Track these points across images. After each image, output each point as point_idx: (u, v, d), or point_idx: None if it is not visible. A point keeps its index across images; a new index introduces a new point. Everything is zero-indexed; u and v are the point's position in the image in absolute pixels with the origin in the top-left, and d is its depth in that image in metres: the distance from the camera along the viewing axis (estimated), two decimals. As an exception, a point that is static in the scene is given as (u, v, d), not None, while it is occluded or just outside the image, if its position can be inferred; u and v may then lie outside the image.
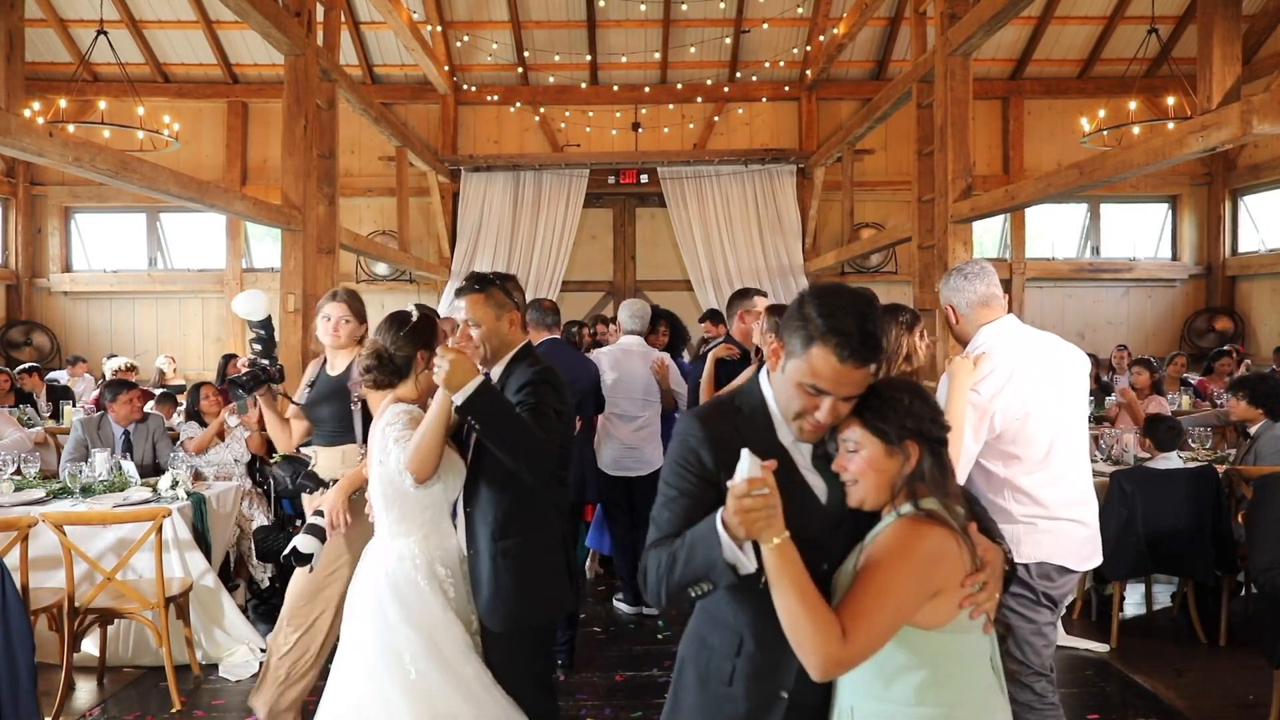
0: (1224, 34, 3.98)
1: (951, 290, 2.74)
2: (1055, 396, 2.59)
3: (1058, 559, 2.54)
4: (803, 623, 1.52)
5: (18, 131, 3.74)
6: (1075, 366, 2.68)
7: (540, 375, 2.53)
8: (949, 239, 6.28)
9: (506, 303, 2.66)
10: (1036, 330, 2.75)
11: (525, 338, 2.72)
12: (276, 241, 9.18)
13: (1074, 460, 2.61)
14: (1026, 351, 2.61)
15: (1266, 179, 10.29)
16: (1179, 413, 7.37)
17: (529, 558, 2.50)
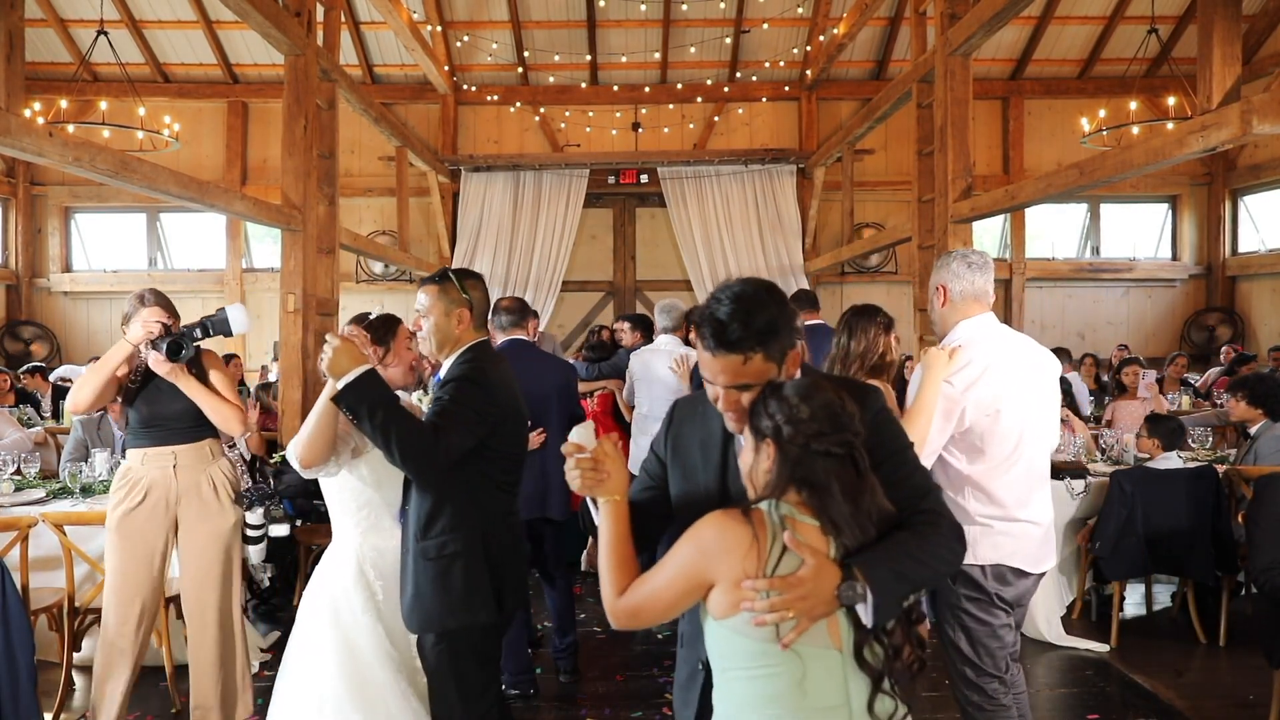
0: (1224, 34, 3.97)
1: (951, 274, 2.73)
2: (1026, 396, 2.60)
3: (1013, 561, 2.55)
4: (604, 574, 1.70)
5: (18, 131, 3.74)
6: (1048, 369, 2.71)
7: (467, 372, 2.43)
8: (949, 239, 6.28)
9: (459, 299, 2.55)
10: (1013, 330, 2.77)
11: (477, 336, 2.58)
12: (276, 241, 9.18)
13: (1036, 461, 2.64)
14: (1003, 349, 2.63)
15: (1266, 179, 10.29)
16: (1179, 413, 7.37)
17: (446, 560, 2.42)
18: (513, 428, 2.53)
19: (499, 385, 2.47)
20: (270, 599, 5.33)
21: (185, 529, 3.36)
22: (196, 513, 3.35)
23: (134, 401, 3.32)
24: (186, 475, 3.34)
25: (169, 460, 3.33)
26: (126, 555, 3.28)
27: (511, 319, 4.07)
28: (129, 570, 3.27)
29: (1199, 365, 10.05)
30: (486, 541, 2.45)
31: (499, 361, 2.60)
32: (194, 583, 3.37)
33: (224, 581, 3.40)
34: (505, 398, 2.49)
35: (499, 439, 2.46)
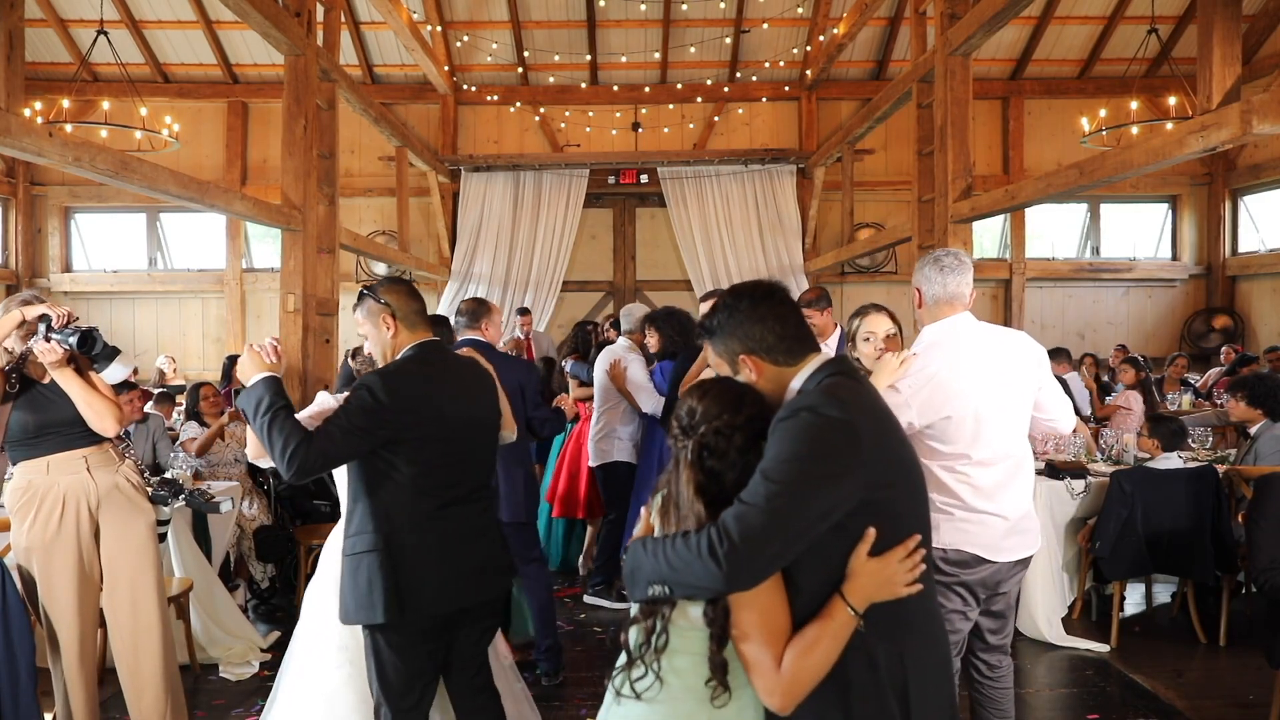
0: (1224, 34, 3.98)
1: (924, 278, 2.76)
2: (992, 395, 2.63)
3: (971, 547, 2.59)
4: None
5: (18, 131, 3.74)
6: (1021, 361, 2.72)
7: (364, 381, 2.45)
8: (949, 239, 6.28)
9: (378, 307, 2.61)
10: (987, 326, 2.76)
11: (415, 337, 2.61)
12: (276, 241, 9.18)
13: (1004, 453, 2.65)
14: (960, 354, 2.64)
15: (1266, 179, 10.29)
16: (1179, 413, 7.37)
17: (354, 558, 2.49)
18: (428, 431, 2.48)
19: (403, 392, 2.45)
20: (270, 599, 5.34)
21: (112, 533, 3.19)
22: (122, 513, 3.20)
23: (15, 410, 3.10)
24: (103, 476, 3.18)
25: (80, 464, 3.14)
26: (62, 577, 3.10)
27: (464, 320, 4.08)
28: (68, 592, 3.10)
29: (1199, 365, 10.05)
30: (391, 544, 2.44)
31: (426, 365, 2.55)
32: (129, 589, 3.21)
33: (159, 584, 3.29)
34: (411, 404, 2.45)
35: (407, 444, 2.45)
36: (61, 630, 3.13)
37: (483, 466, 2.68)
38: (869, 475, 1.59)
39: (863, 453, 1.58)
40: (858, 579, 1.58)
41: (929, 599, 1.70)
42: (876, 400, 1.76)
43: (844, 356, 1.85)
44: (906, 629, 1.64)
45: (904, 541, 1.62)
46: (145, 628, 3.23)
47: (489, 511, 2.70)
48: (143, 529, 3.26)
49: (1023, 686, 4.13)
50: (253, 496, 5.42)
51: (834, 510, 1.57)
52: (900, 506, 1.66)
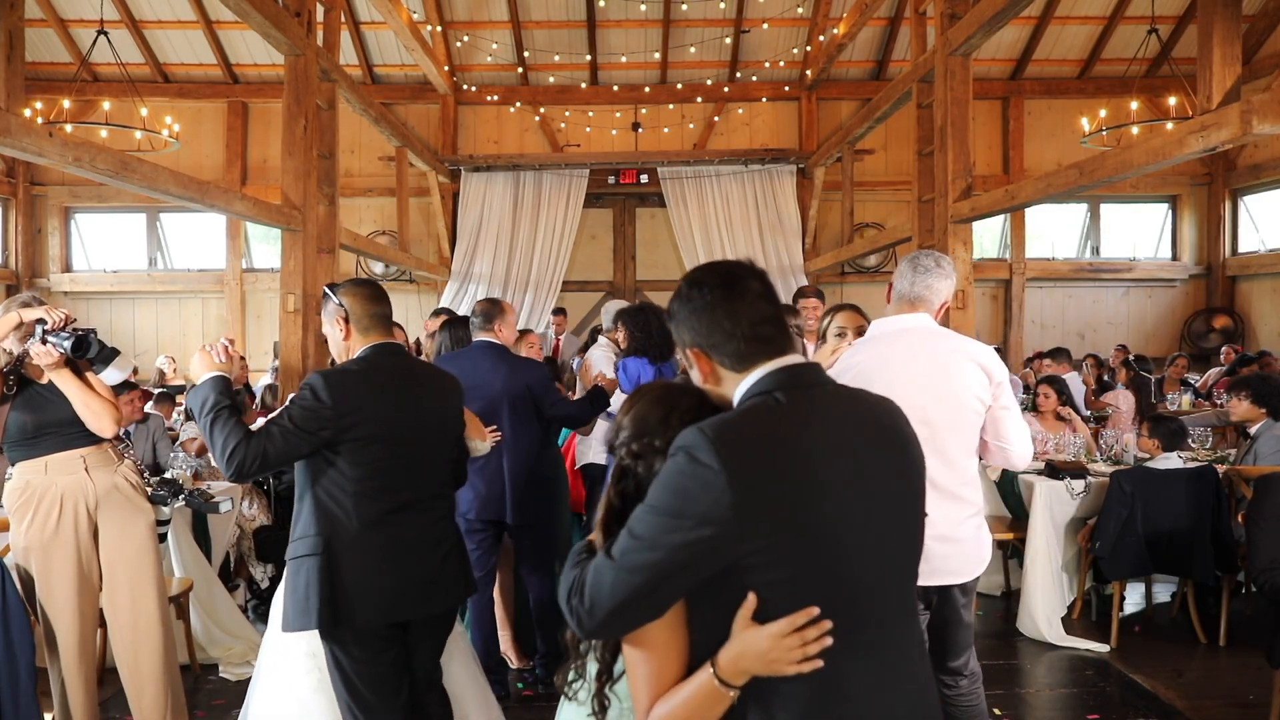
0: (1224, 34, 3.98)
1: (898, 274, 2.69)
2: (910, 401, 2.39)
3: None
4: None
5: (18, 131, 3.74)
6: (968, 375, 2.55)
7: (308, 382, 2.44)
8: (949, 239, 6.28)
9: (335, 309, 2.59)
10: (943, 332, 2.65)
11: (368, 340, 2.57)
12: (276, 241, 9.18)
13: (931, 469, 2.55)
14: (895, 352, 2.55)
15: (1266, 179, 10.29)
16: (1179, 413, 7.38)
17: (295, 563, 2.45)
18: (369, 433, 2.42)
19: (344, 393, 2.41)
20: (270, 599, 5.33)
21: (111, 533, 3.18)
22: (121, 513, 3.18)
23: (12, 410, 3.09)
24: (101, 476, 3.16)
25: (78, 464, 3.13)
26: (61, 577, 3.09)
27: (478, 321, 4.06)
28: (66, 591, 3.09)
29: (1199, 365, 10.05)
30: (332, 549, 2.40)
31: (373, 368, 2.51)
32: (129, 588, 3.19)
33: (159, 584, 3.27)
34: (352, 405, 2.41)
35: (349, 446, 2.40)
36: (60, 630, 3.12)
37: (433, 474, 2.58)
38: (741, 538, 1.34)
39: (729, 511, 1.33)
40: (732, 647, 1.37)
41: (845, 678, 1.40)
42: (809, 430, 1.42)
43: (804, 365, 1.51)
44: (799, 711, 1.38)
45: (800, 612, 1.35)
46: (145, 627, 3.21)
47: (445, 521, 2.61)
48: (142, 529, 3.25)
49: (1023, 686, 4.14)
50: (253, 496, 5.41)
51: (687, 572, 1.36)
52: (794, 575, 1.37)
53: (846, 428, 1.47)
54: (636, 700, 1.44)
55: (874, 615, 1.43)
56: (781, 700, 1.38)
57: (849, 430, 1.47)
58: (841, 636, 1.37)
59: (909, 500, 1.53)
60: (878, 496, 1.45)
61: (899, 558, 1.50)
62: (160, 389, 7.50)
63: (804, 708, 1.38)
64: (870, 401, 1.58)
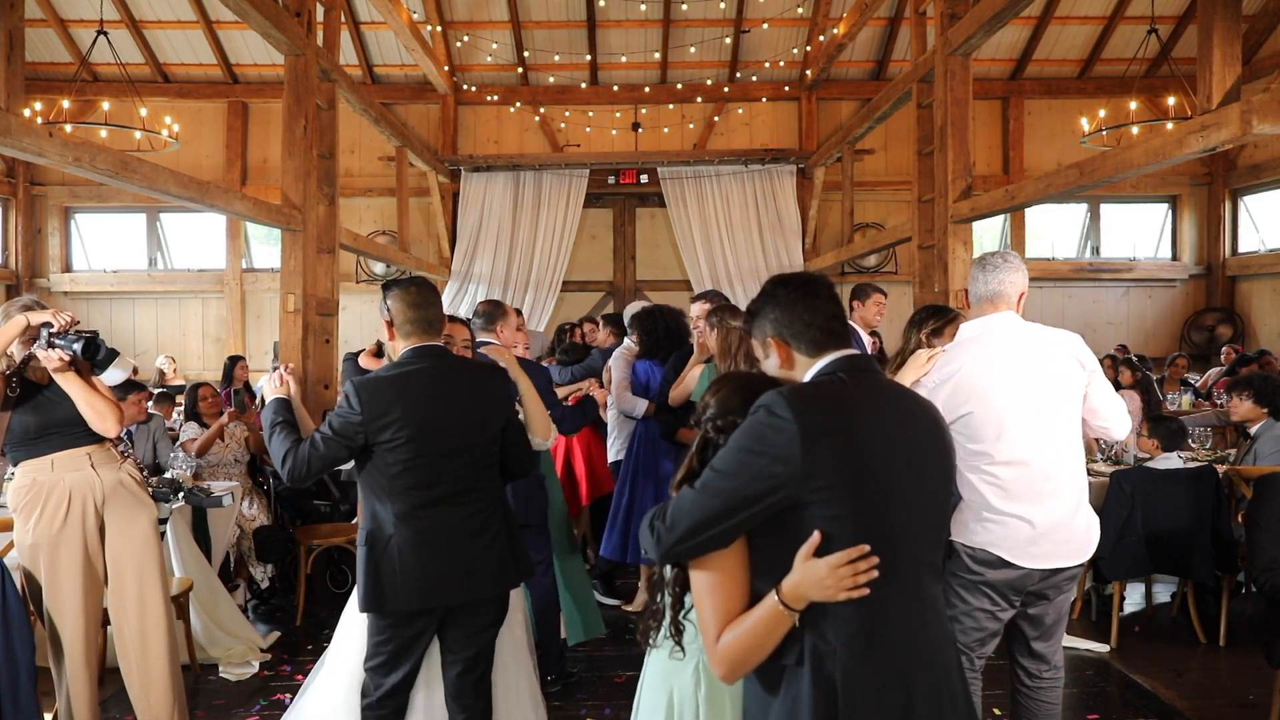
0: (1224, 34, 3.98)
1: (971, 279, 2.82)
2: (1016, 395, 2.60)
3: (996, 549, 2.59)
4: None
5: (18, 131, 3.74)
6: (1062, 362, 2.69)
7: (344, 390, 2.66)
8: (949, 239, 6.28)
9: (384, 312, 2.77)
10: (1031, 326, 2.74)
11: (408, 344, 2.71)
12: (276, 242, 9.18)
13: (1033, 456, 2.61)
14: (992, 351, 2.65)
15: (1266, 179, 10.29)
16: (1179, 413, 7.38)
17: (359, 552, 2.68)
18: (399, 435, 2.57)
19: (371, 399, 2.58)
20: (270, 599, 5.34)
21: (117, 529, 3.21)
22: (127, 509, 3.22)
23: (15, 412, 3.12)
24: (107, 473, 3.20)
25: (84, 461, 3.17)
26: (68, 573, 3.12)
27: (480, 323, 4.10)
28: (73, 588, 3.13)
29: (1199, 365, 10.05)
30: (374, 540, 2.63)
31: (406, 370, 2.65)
32: (136, 585, 3.22)
33: (163, 580, 3.31)
34: (380, 410, 2.57)
35: (382, 448, 2.59)
36: (65, 628, 3.13)
37: (468, 469, 2.67)
38: (807, 476, 1.61)
39: (799, 452, 1.61)
40: (794, 576, 1.62)
41: (887, 607, 1.65)
42: (865, 402, 1.73)
43: (861, 356, 1.82)
44: (849, 633, 1.63)
45: (854, 548, 1.61)
46: (152, 624, 3.23)
47: (483, 515, 2.70)
48: (147, 525, 3.28)
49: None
50: (253, 496, 5.42)
51: (759, 501, 1.62)
52: (850, 512, 1.63)
53: (895, 408, 1.78)
54: (705, 630, 1.67)
55: (910, 563, 1.69)
56: (833, 622, 1.63)
57: (896, 410, 1.77)
58: (885, 573, 1.62)
59: (940, 479, 1.79)
60: (916, 467, 1.72)
61: (930, 522, 1.75)
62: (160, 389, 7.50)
63: (852, 629, 1.63)
64: (911, 395, 1.90)
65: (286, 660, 4.44)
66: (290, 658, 4.48)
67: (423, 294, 2.74)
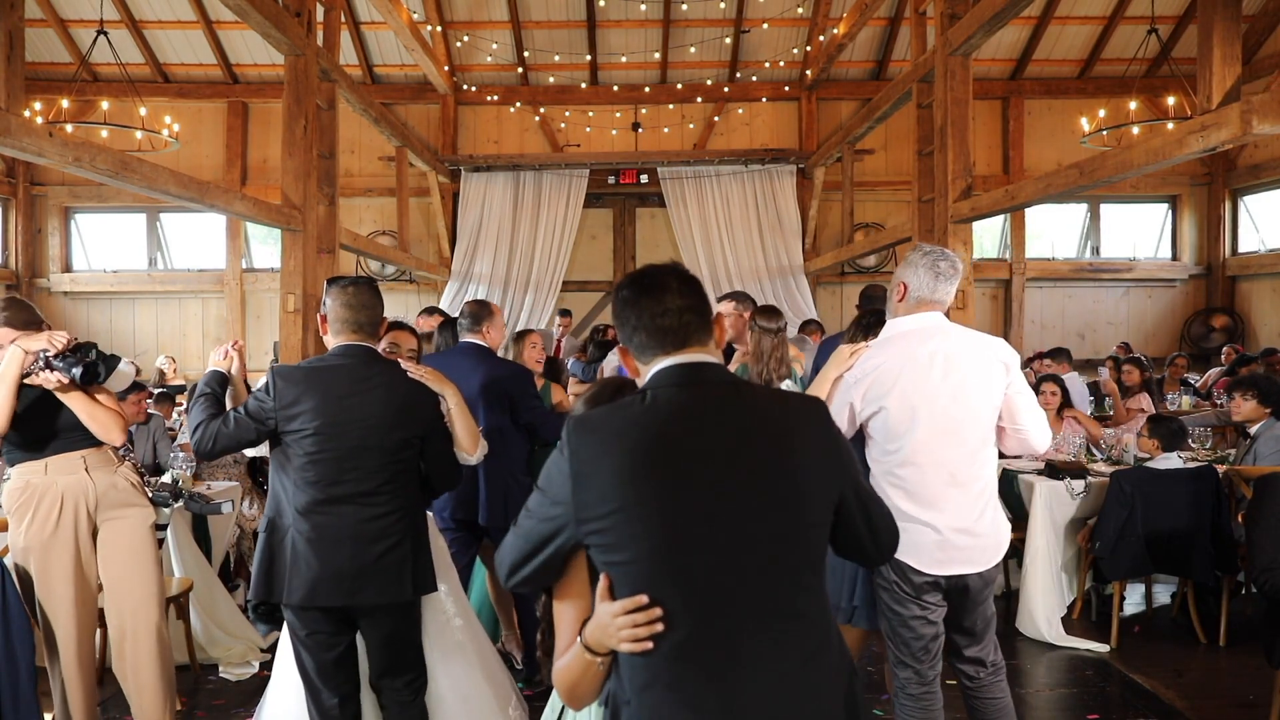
0: (1224, 34, 3.98)
1: (913, 275, 2.69)
2: (932, 396, 2.57)
3: (905, 557, 2.55)
4: None
5: (18, 131, 3.74)
6: (984, 368, 2.62)
7: (267, 374, 2.74)
8: (949, 239, 6.28)
9: (323, 305, 2.81)
10: (956, 328, 2.70)
11: (338, 340, 2.74)
12: (276, 242, 9.18)
13: (941, 460, 2.58)
14: (915, 350, 2.61)
15: (1266, 179, 10.29)
16: (1179, 413, 7.37)
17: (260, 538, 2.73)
18: (304, 427, 2.59)
19: (284, 388, 2.62)
20: (270, 599, 5.33)
21: (111, 533, 3.17)
22: (121, 513, 3.18)
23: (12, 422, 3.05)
24: (101, 476, 3.15)
25: (78, 464, 3.13)
26: (60, 577, 3.09)
27: (466, 323, 4.08)
28: (65, 591, 3.09)
29: (1199, 365, 10.05)
30: (271, 528, 2.67)
31: (325, 365, 2.70)
32: (129, 589, 3.17)
33: (158, 584, 3.26)
34: (289, 399, 2.60)
35: (290, 437, 2.61)
36: (59, 630, 3.12)
37: (373, 472, 2.64)
38: (579, 521, 1.49)
39: (569, 494, 1.49)
40: (593, 619, 1.52)
41: (688, 662, 1.47)
42: (673, 427, 1.52)
43: (699, 363, 1.60)
44: (639, 684, 1.49)
45: (631, 598, 1.46)
46: (145, 629, 3.19)
47: (385, 520, 2.66)
48: (142, 529, 3.24)
49: (1023, 686, 4.13)
50: (252, 496, 5.41)
51: (550, 543, 1.53)
52: (630, 558, 1.48)
53: (723, 428, 1.52)
54: (556, 650, 1.60)
55: (733, 612, 1.48)
56: (627, 671, 1.50)
57: (725, 430, 1.52)
58: (684, 625, 1.46)
59: (793, 504, 1.53)
60: (749, 497, 1.49)
61: (775, 558, 1.51)
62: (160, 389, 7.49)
63: (642, 681, 1.48)
64: (772, 410, 1.59)
65: (286, 660, 4.44)
66: (290, 658, 4.48)
67: (359, 296, 2.74)
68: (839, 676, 1.55)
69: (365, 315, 2.74)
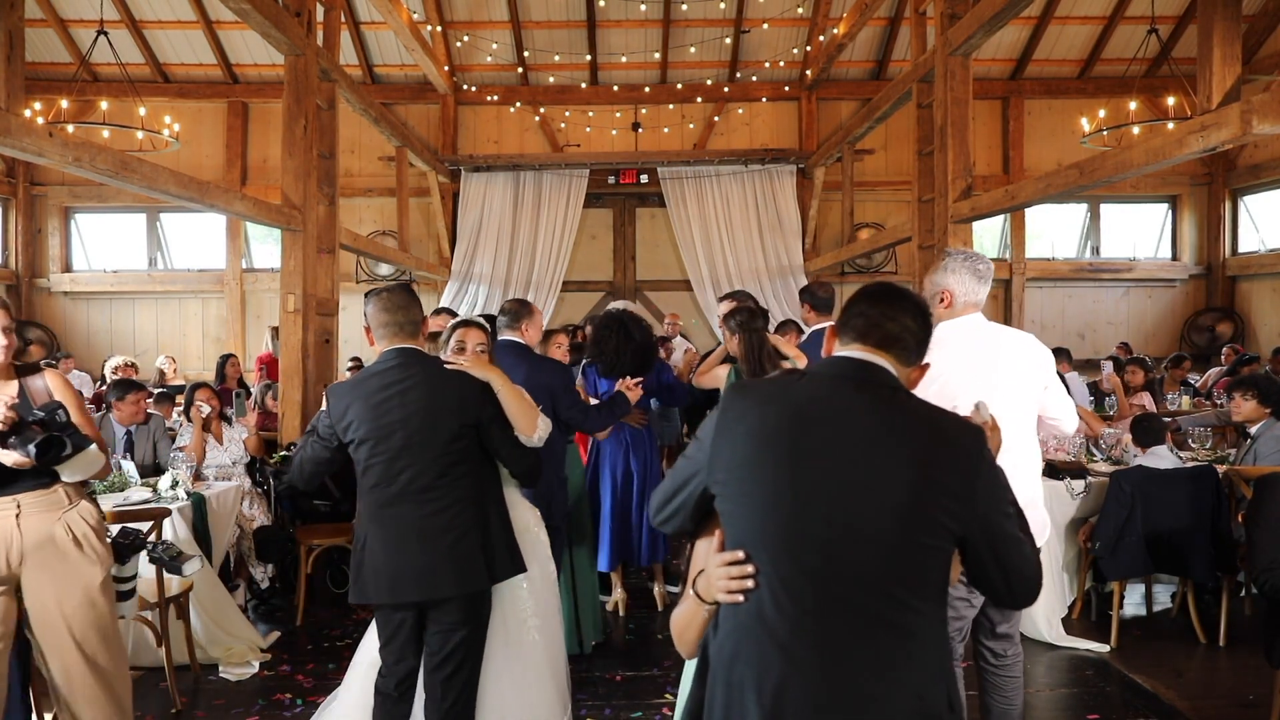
0: (1224, 34, 3.98)
1: (958, 282, 2.85)
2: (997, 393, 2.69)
3: None
4: None
5: (18, 131, 3.74)
6: (1026, 361, 2.82)
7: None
8: (949, 239, 6.28)
9: (365, 318, 2.91)
10: (995, 326, 2.89)
11: (381, 347, 2.85)
12: (276, 242, 9.18)
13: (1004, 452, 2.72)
14: (970, 351, 2.77)
15: (1266, 179, 10.29)
16: (1178, 413, 7.38)
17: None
18: (358, 435, 2.73)
19: (334, 402, 2.79)
20: (270, 599, 5.34)
21: (33, 591, 2.72)
22: (50, 570, 2.72)
23: None
24: (34, 525, 2.70)
25: (9, 510, 2.69)
26: None
27: (505, 320, 4.16)
28: None
29: (1199, 365, 10.05)
30: (358, 537, 2.82)
31: (369, 372, 2.81)
32: (79, 651, 2.75)
33: (115, 647, 2.84)
34: (340, 411, 2.76)
35: (351, 446, 2.77)
36: None
37: (426, 467, 2.72)
38: (712, 464, 1.64)
39: (711, 443, 1.65)
40: (705, 568, 1.63)
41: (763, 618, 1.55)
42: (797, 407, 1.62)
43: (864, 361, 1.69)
44: (730, 635, 1.59)
45: (732, 551, 1.59)
46: (87, 698, 2.77)
47: (448, 513, 2.74)
48: (91, 584, 2.78)
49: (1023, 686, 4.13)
50: (252, 497, 5.41)
51: (688, 484, 1.69)
52: (734, 510, 1.61)
53: (858, 422, 1.59)
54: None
55: (817, 595, 1.53)
56: (722, 619, 1.61)
57: (859, 425, 1.59)
58: (768, 594, 1.54)
59: (902, 517, 1.54)
60: (857, 493, 1.54)
61: (868, 559, 1.53)
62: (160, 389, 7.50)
63: (725, 630, 1.59)
64: (922, 417, 1.64)
65: (286, 660, 4.44)
66: (290, 658, 4.48)
67: (394, 299, 2.83)
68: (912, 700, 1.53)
69: (404, 317, 2.82)
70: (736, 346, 4.27)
